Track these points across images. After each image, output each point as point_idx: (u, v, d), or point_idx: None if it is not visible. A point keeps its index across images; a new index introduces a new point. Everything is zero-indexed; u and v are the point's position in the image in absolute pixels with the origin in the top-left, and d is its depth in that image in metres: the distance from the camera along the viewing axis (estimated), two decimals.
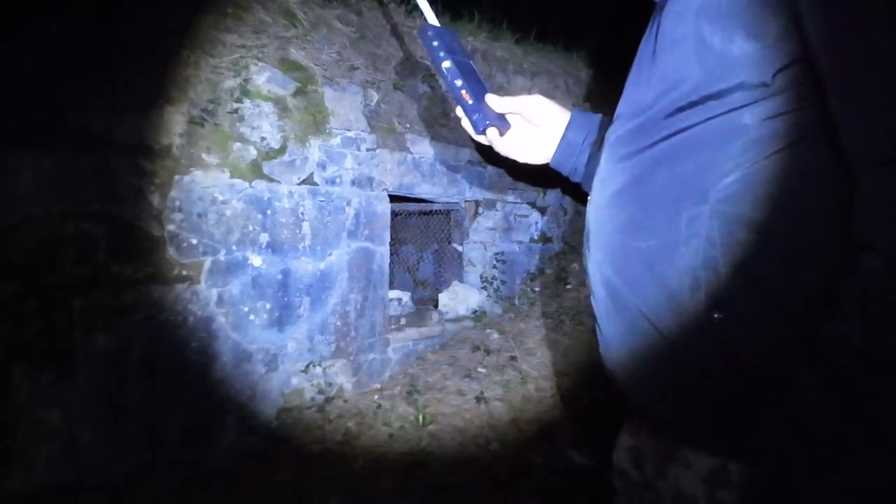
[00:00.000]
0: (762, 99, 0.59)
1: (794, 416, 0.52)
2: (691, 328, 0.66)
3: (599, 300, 0.80)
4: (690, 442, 0.74)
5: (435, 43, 0.93)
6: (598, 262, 0.78)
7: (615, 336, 0.78)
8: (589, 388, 2.95)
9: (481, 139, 0.99)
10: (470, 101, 0.93)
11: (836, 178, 0.55)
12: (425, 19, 0.98)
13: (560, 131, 0.99)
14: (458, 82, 0.92)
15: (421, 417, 2.59)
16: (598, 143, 0.95)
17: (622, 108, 0.75)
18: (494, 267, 3.65)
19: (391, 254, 3.08)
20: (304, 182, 2.58)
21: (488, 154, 1.05)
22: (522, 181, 3.74)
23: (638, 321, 0.72)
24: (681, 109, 0.64)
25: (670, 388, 0.71)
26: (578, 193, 0.87)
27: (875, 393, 0.46)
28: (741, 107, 0.60)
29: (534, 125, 0.99)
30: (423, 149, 3.13)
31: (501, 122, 0.96)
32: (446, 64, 0.93)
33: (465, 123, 0.98)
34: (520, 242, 3.82)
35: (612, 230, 0.75)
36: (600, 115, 0.97)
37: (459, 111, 0.96)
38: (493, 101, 0.96)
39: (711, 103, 0.62)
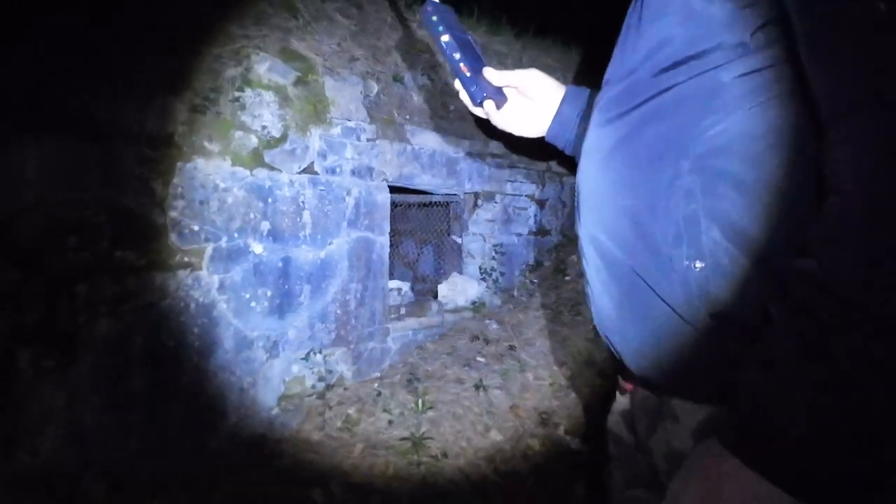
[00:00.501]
0: (740, 57, 0.62)
1: (761, 350, 0.54)
2: (675, 281, 0.68)
3: (591, 262, 0.82)
4: (678, 394, 0.77)
5: (434, 18, 0.95)
6: (587, 224, 0.81)
7: (606, 296, 0.80)
8: (587, 377, 2.98)
9: (478, 112, 1.02)
10: (468, 74, 0.96)
11: (809, 131, 0.58)
12: None
13: (555, 105, 1.01)
14: (457, 55, 0.95)
15: (420, 403, 2.62)
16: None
17: (609, 73, 0.78)
18: (493, 258, 3.67)
19: (391, 246, 3.11)
20: (304, 171, 2.60)
21: (486, 128, 1.08)
22: (521, 156, 3.77)
23: (626, 278, 0.75)
24: (665, 70, 0.67)
25: (657, 342, 0.73)
26: (574, 167, 0.89)
27: (837, 326, 0.48)
28: (721, 65, 0.63)
29: (530, 99, 1.02)
30: (423, 140, 3.16)
31: (498, 96, 0.99)
32: (445, 38, 0.95)
33: (463, 96, 1.00)
34: (519, 234, 3.85)
35: (601, 191, 0.77)
36: (591, 89, 1.00)
37: (457, 84, 0.99)
38: (491, 75, 0.98)
39: (693, 63, 0.65)
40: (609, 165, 0.76)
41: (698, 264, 0.66)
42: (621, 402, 0.99)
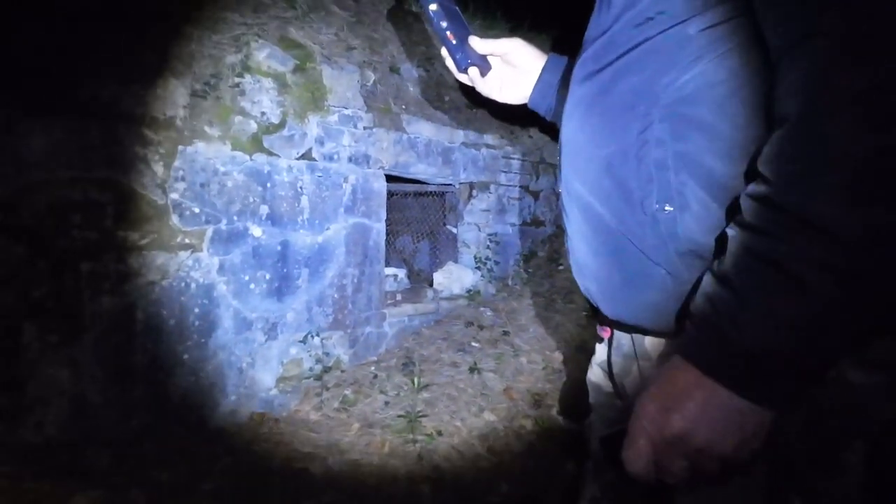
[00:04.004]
0: (704, 11, 0.68)
1: (717, 266, 0.60)
2: (646, 224, 0.74)
3: (571, 216, 0.88)
4: (651, 332, 0.82)
5: None
6: (567, 179, 0.87)
7: (583, 246, 0.86)
8: (579, 361, 3.04)
9: (463, 78, 1.08)
10: (454, 42, 1.02)
11: (765, 74, 0.64)
12: None
13: (537, 73, 1.07)
14: (444, 24, 1.01)
15: (416, 380, 2.68)
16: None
17: (588, 33, 0.84)
18: (488, 248, 3.73)
19: (386, 237, 3.17)
20: (302, 157, 2.66)
21: (471, 95, 1.15)
22: (515, 128, 3.83)
23: (602, 226, 0.80)
24: (637, 26, 0.73)
25: (630, 284, 0.79)
26: (555, 134, 0.96)
27: (781, 236, 0.54)
28: (687, 19, 0.69)
29: (513, 67, 1.08)
30: (419, 129, 3.22)
31: (483, 63, 1.05)
32: (433, 7, 1.01)
33: (449, 63, 1.06)
34: (513, 225, 3.92)
35: (580, 145, 0.83)
36: (571, 58, 1.06)
37: (444, 51, 1.05)
38: (476, 43, 1.04)
39: (662, 17, 0.71)
40: (587, 119, 0.82)
41: (668, 207, 0.72)
42: (600, 353, 1.05)
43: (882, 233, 0.51)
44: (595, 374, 1.06)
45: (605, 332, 0.98)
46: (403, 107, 3.17)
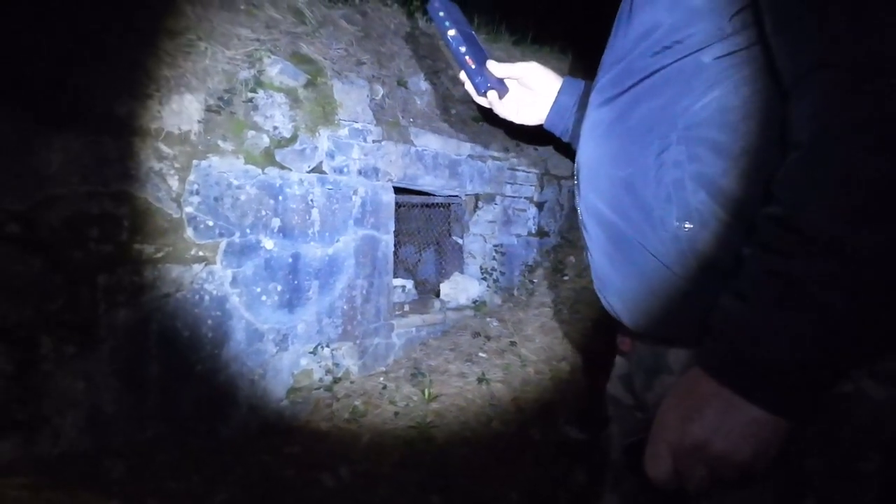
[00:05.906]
0: (720, 40, 0.72)
1: (736, 284, 0.64)
2: (667, 239, 0.77)
3: (591, 232, 0.91)
4: (670, 341, 0.85)
5: (441, 13, 1.05)
6: (587, 197, 0.90)
7: (604, 259, 0.89)
8: (585, 371, 3.06)
9: (482, 101, 1.12)
10: (473, 66, 1.05)
11: (777, 100, 0.68)
12: None
13: (553, 95, 1.11)
14: (462, 49, 1.05)
15: (426, 392, 2.70)
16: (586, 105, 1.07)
17: (605, 59, 0.88)
18: (494, 259, 3.77)
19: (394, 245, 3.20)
20: (313, 170, 2.70)
21: (489, 116, 1.19)
22: (521, 157, 3.87)
23: (622, 240, 0.84)
24: (654, 54, 0.77)
25: (651, 295, 0.82)
26: (571, 154, 0.99)
27: (796, 255, 0.58)
28: (702, 48, 0.73)
29: (530, 90, 1.12)
30: (426, 142, 3.26)
31: (501, 86, 1.09)
32: (451, 33, 1.05)
33: (468, 86, 1.10)
34: (518, 235, 3.95)
35: (599, 165, 0.87)
36: (586, 81, 1.10)
37: (463, 75, 1.09)
38: (494, 67, 1.08)
39: (678, 46, 0.75)
40: (606, 141, 0.86)
41: (687, 225, 0.75)
42: (620, 366, 1.07)
43: (890, 250, 0.54)
44: (615, 386, 1.09)
45: (625, 345, 1.01)
46: (411, 120, 3.22)
